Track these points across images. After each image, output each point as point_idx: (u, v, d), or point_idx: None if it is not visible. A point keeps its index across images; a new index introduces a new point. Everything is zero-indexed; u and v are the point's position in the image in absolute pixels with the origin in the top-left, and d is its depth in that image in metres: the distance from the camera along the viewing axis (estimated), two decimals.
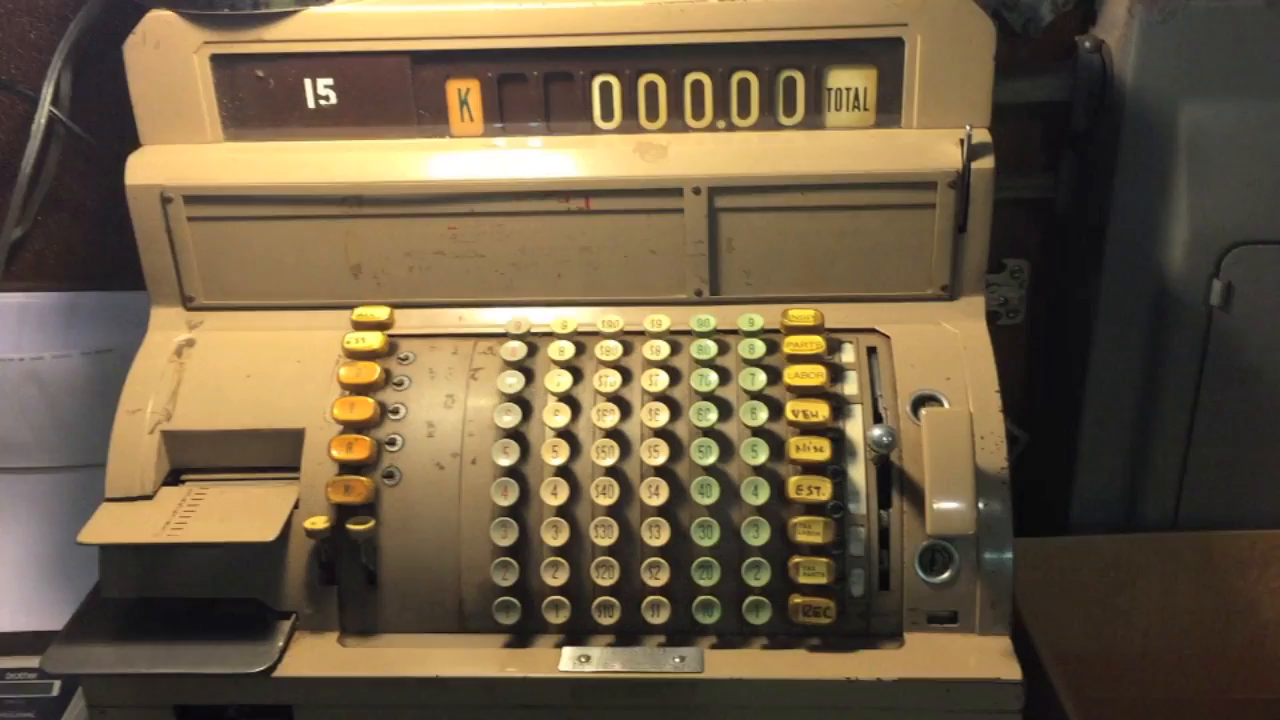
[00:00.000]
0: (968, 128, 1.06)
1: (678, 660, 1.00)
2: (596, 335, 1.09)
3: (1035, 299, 1.43)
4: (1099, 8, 1.27)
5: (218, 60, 1.11)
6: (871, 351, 1.09)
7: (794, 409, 1.02)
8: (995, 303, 1.41)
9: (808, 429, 1.02)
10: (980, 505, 0.98)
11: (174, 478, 1.10)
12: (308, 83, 1.12)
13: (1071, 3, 1.27)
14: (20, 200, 1.30)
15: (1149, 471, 1.35)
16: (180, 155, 1.13)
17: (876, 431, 0.99)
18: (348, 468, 1.04)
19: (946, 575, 1.01)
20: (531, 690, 0.99)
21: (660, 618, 1.00)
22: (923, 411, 1.00)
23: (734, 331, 1.09)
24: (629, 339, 1.09)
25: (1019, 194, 1.35)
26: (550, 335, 1.09)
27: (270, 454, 1.08)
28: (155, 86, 1.12)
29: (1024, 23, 1.27)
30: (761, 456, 1.01)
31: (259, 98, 1.13)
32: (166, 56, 1.11)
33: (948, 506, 0.96)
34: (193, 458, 1.10)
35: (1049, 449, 1.43)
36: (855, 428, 1.04)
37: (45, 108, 1.27)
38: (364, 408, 1.05)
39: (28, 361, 1.47)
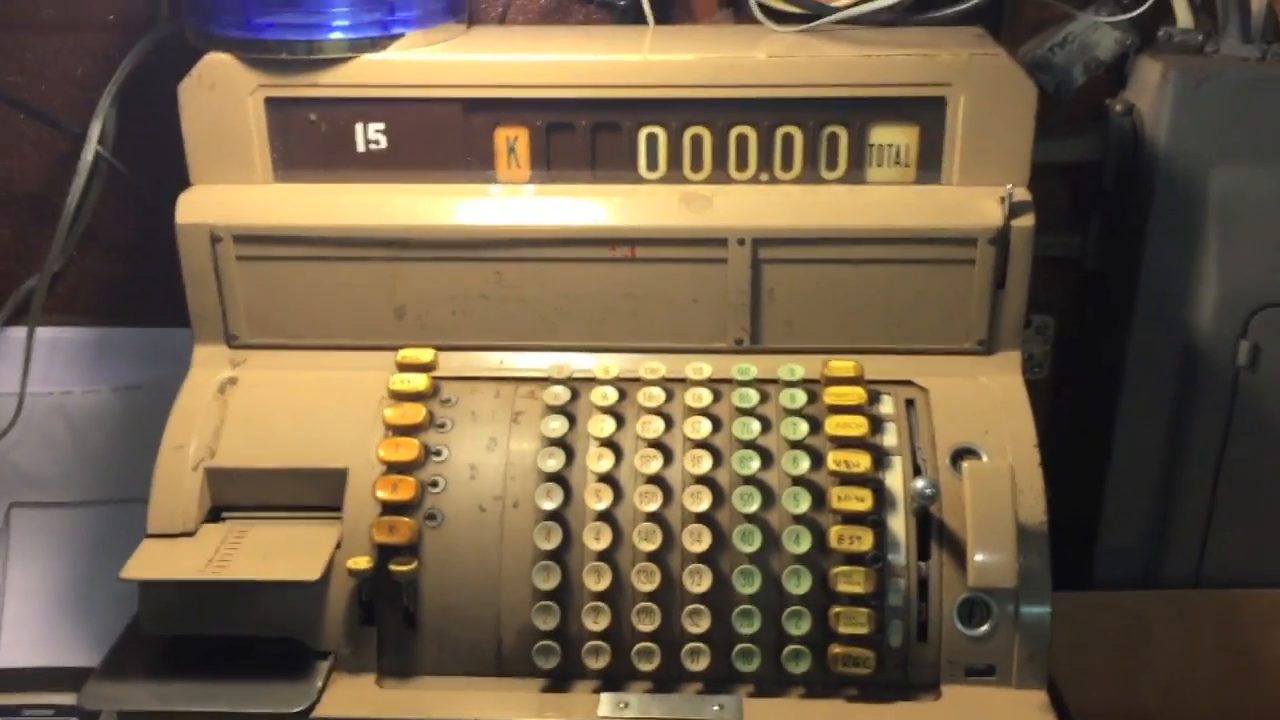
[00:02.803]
0: (1009, 186, 1.08)
1: (716, 708, 1.00)
2: (638, 382, 1.10)
3: (1060, 355, 1.45)
4: (1130, 72, 1.30)
5: (272, 103, 1.13)
6: (910, 403, 1.10)
7: (835, 459, 1.04)
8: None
9: (849, 479, 1.03)
10: (1020, 558, 0.99)
11: (215, 515, 1.11)
12: (359, 127, 1.14)
13: (1104, 67, 1.30)
14: (61, 237, 1.31)
15: (1173, 528, 1.36)
16: (231, 195, 1.14)
17: (919, 484, 1.00)
18: (391, 508, 1.05)
19: (985, 628, 1.01)
20: None
21: (700, 665, 1.01)
22: (965, 464, 1.01)
23: (774, 381, 1.10)
24: (671, 385, 1.10)
25: (1046, 251, 1.35)
26: (592, 380, 1.10)
27: (312, 493, 1.09)
28: (209, 127, 1.13)
29: (1056, 84, 1.30)
30: (803, 505, 1.02)
31: (310, 140, 1.15)
32: (222, 98, 1.12)
33: (989, 559, 0.97)
34: (235, 495, 1.10)
35: (1072, 504, 1.44)
36: (895, 478, 1.05)
37: (92, 146, 1.28)
38: (409, 449, 1.06)
39: (56, 395, 1.48)
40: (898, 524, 1.03)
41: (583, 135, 1.14)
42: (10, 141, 1.43)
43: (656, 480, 1.04)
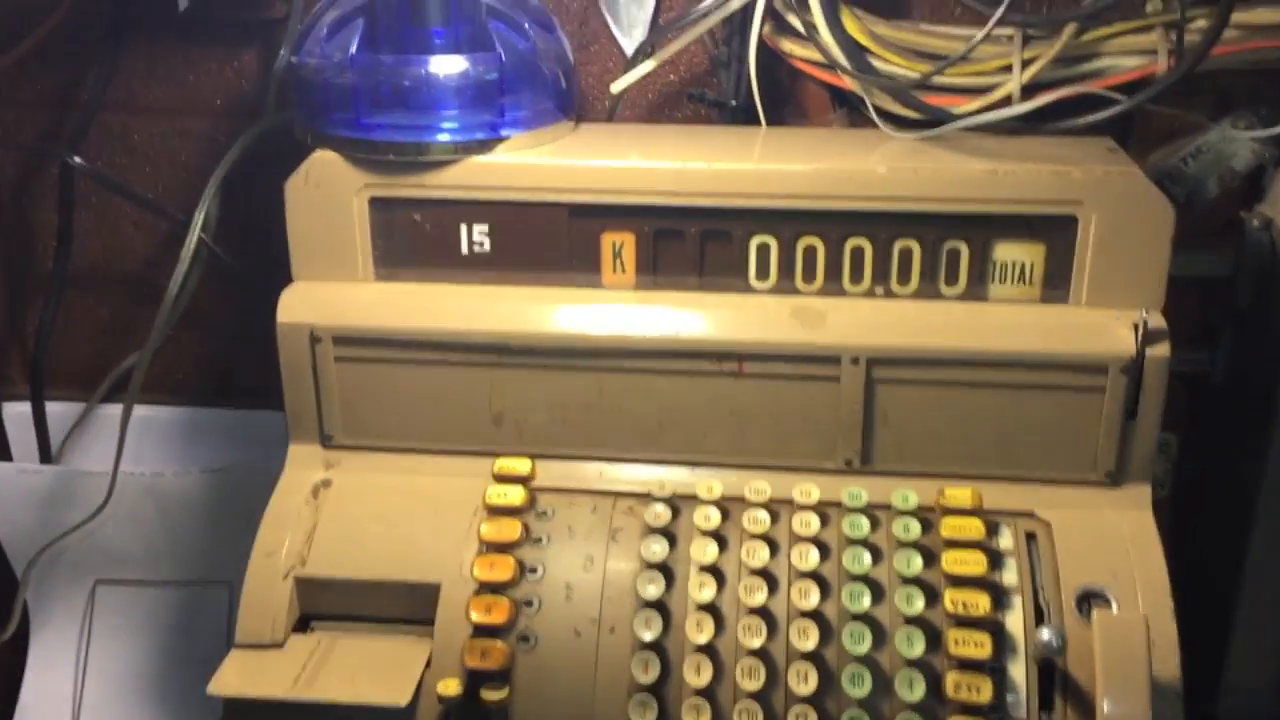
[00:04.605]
0: (1143, 312, 1.02)
1: None
2: (743, 502, 1.06)
3: (1180, 474, 1.37)
4: (1268, 185, 1.23)
5: (376, 203, 1.11)
6: (1030, 538, 1.04)
7: (953, 599, 0.98)
8: None
9: (967, 622, 0.97)
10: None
11: (303, 623, 1.08)
12: (463, 228, 1.12)
13: (1239, 179, 1.23)
14: (163, 320, 1.30)
15: None
16: (332, 294, 1.12)
17: (1046, 634, 0.93)
18: (484, 630, 1.01)
19: None
20: None
21: None
22: (1095, 615, 0.95)
23: (886, 507, 1.05)
24: (776, 507, 1.05)
25: (1170, 367, 1.30)
26: (695, 499, 1.06)
27: (403, 605, 1.05)
28: (312, 225, 1.12)
29: (1187, 195, 1.24)
30: (917, 648, 0.96)
31: (414, 240, 1.12)
32: (327, 196, 1.11)
33: None
34: (324, 604, 1.07)
35: (1194, 634, 1.36)
36: (1015, 621, 0.99)
37: (195, 232, 1.27)
38: (504, 567, 1.02)
39: (148, 476, 1.47)
40: (1018, 672, 0.97)
41: (691, 243, 1.10)
42: (113, 221, 1.43)
43: (761, 613, 0.99)
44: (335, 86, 1.10)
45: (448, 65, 1.09)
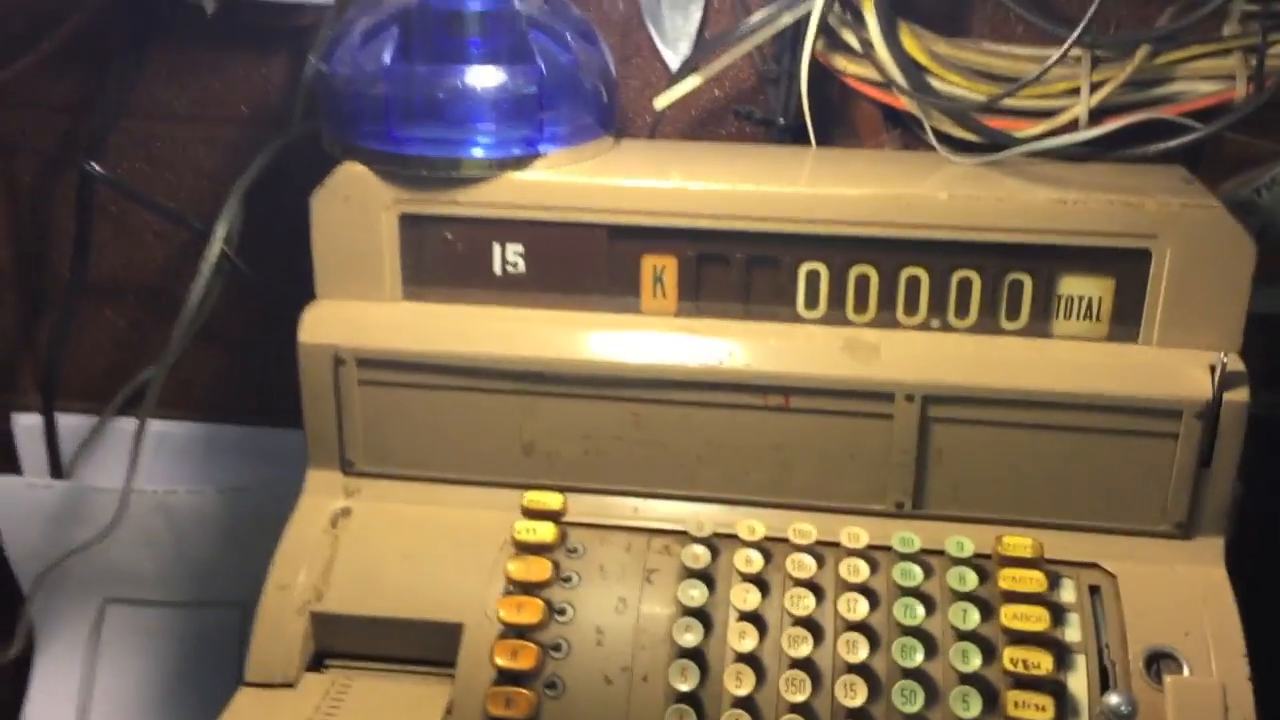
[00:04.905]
0: (1222, 355, 0.96)
1: None
2: (786, 544, 0.99)
3: (1244, 523, 1.30)
4: None
5: (407, 219, 1.05)
6: (1094, 591, 0.97)
7: (1012, 657, 0.91)
8: None
9: (1027, 682, 0.91)
10: None
11: (317, 660, 1.02)
12: (496, 248, 1.06)
13: None
14: (181, 332, 1.25)
15: None
16: (357, 314, 1.07)
17: (1115, 699, 0.87)
18: (509, 676, 0.95)
19: None
20: None
21: None
22: (1168, 680, 0.88)
23: (940, 553, 0.98)
24: (822, 551, 0.99)
25: None
26: (735, 539, 1.00)
27: (423, 646, 1.00)
28: (339, 241, 1.06)
29: (1261, 228, 1.17)
30: (973, 710, 0.90)
31: (444, 259, 1.07)
32: (355, 212, 1.05)
33: None
34: (340, 642, 1.02)
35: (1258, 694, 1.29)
36: (1079, 682, 0.92)
37: (217, 244, 1.22)
38: (532, 610, 0.96)
39: (160, 494, 1.42)
40: None
41: (737, 268, 1.04)
42: (132, 230, 1.39)
43: (805, 665, 0.93)
44: (367, 97, 1.04)
45: (485, 77, 1.04)
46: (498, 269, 1.07)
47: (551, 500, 1.03)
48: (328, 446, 1.08)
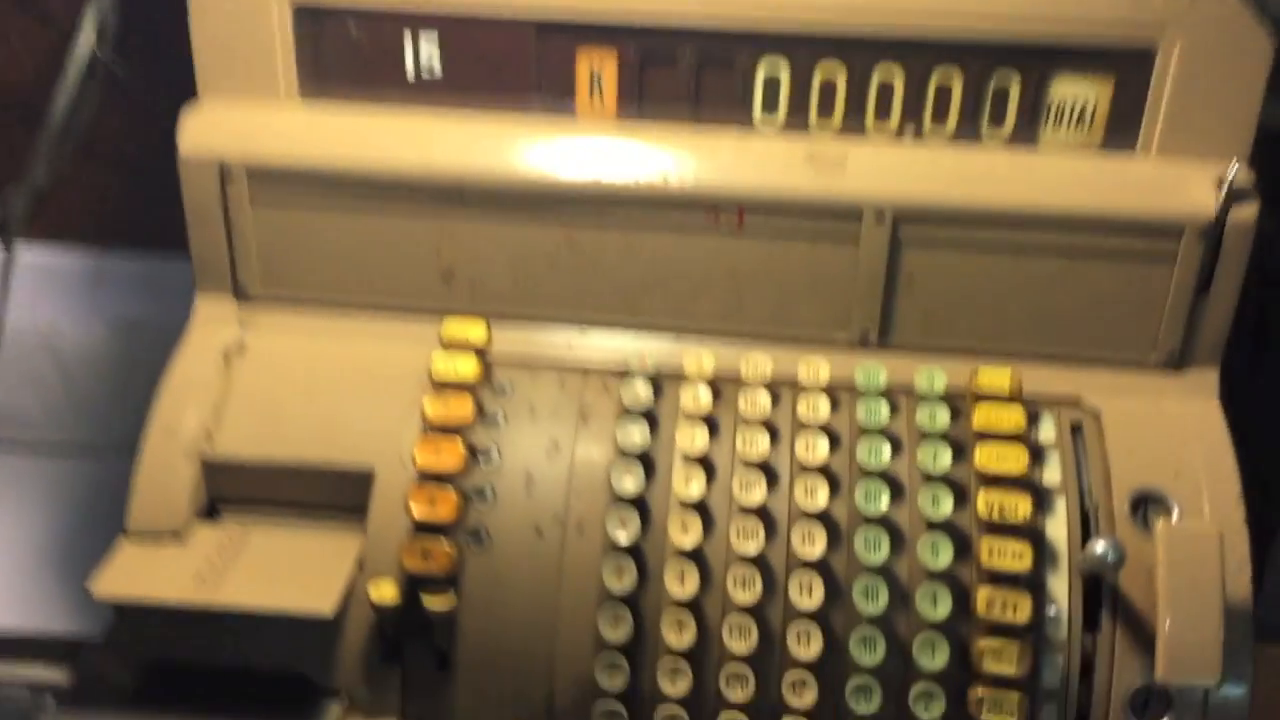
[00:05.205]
0: (1233, 163, 0.85)
1: None
2: (739, 382, 0.89)
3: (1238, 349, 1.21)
4: None
5: (302, 12, 0.91)
6: (1077, 429, 0.88)
7: (987, 501, 0.82)
8: None
9: (1003, 528, 0.82)
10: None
11: (210, 510, 0.91)
12: (409, 45, 0.92)
13: None
14: (48, 145, 1.09)
15: None
16: (246, 119, 0.92)
17: (1101, 547, 0.78)
18: (426, 527, 0.84)
19: None
20: None
21: None
22: (1159, 525, 0.79)
23: (908, 390, 0.88)
24: (778, 388, 0.89)
25: None
26: (681, 377, 0.89)
27: (329, 494, 0.89)
28: (221, 30, 0.91)
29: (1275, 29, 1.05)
30: (944, 558, 0.81)
31: (348, 57, 0.93)
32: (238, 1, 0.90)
33: (1188, 650, 0.76)
34: (235, 490, 0.90)
35: None
36: (1058, 528, 0.84)
37: (86, 42, 1.06)
38: (452, 454, 0.85)
39: (44, 330, 1.28)
40: (1059, 586, 0.83)
41: (685, 70, 0.91)
42: None
43: (758, 513, 0.84)
44: None
45: None
46: (410, 70, 0.93)
47: (474, 331, 0.91)
48: (217, 271, 0.96)
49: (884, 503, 0.83)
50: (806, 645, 0.81)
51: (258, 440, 0.89)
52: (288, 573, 0.85)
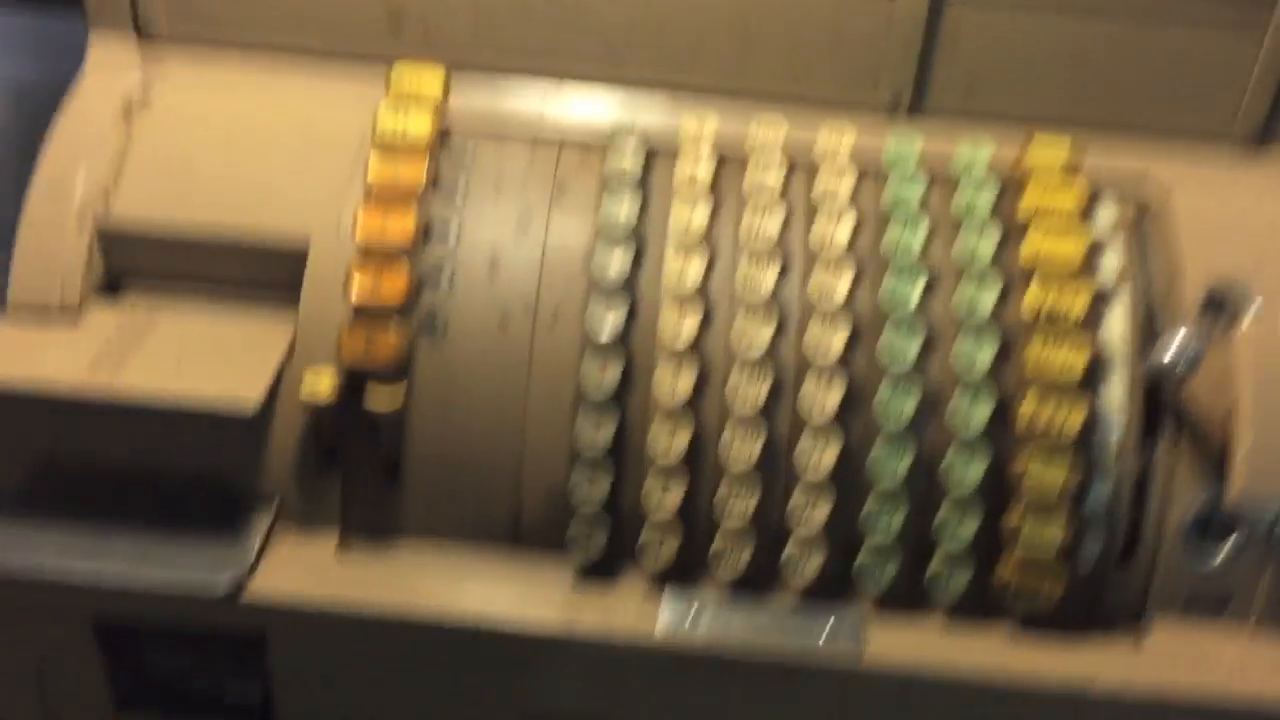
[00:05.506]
0: None
1: (828, 629, 0.69)
2: (745, 151, 0.75)
3: None
4: None
5: None
6: (1142, 213, 0.76)
7: (1036, 295, 0.70)
8: None
9: (1054, 328, 0.70)
10: None
11: (112, 285, 0.76)
12: None
13: None
14: None
15: None
16: None
17: (1172, 353, 0.66)
18: (370, 311, 0.70)
19: (1225, 549, 0.71)
20: (613, 653, 0.69)
21: (805, 574, 0.70)
22: (1243, 327, 0.67)
23: (947, 162, 0.75)
24: (792, 159, 0.75)
25: None
26: (677, 139, 0.75)
27: (254, 269, 0.75)
28: None
29: None
30: (983, 361, 0.69)
31: None
32: None
33: (1267, 469, 0.65)
34: (140, 263, 0.76)
35: None
36: (1116, 325, 0.72)
37: None
38: (401, 225, 0.71)
39: None
40: (1114, 394, 0.71)
41: None
42: None
43: (765, 307, 0.71)
44: None
45: None
46: None
47: (428, 82, 0.76)
48: (114, 3, 0.79)
49: (915, 296, 0.70)
50: (819, 456, 0.69)
51: (165, 203, 0.75)
52: (203, 360, 0.71)
